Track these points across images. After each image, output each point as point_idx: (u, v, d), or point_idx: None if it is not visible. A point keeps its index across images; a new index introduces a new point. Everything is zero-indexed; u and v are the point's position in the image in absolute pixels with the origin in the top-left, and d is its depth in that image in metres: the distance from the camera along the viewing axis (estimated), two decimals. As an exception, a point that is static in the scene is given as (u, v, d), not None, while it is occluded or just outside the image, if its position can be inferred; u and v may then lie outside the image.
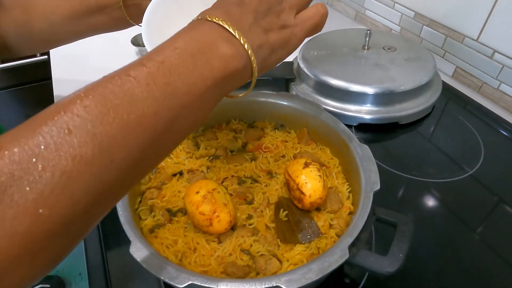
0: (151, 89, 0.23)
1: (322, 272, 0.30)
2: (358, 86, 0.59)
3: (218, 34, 0.28)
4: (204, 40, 0.27)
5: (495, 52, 0.65)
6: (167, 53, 0.25)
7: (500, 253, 0.43)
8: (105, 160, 0.21)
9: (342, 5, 1.00)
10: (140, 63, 0.24)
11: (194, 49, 0.26)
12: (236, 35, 0.28)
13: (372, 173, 0.38)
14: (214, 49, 0.27)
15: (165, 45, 0.26)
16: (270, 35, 0.31)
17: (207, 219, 0.36)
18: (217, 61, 0.27)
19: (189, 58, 0.26)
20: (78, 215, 0.20)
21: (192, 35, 0.27)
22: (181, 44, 0.26)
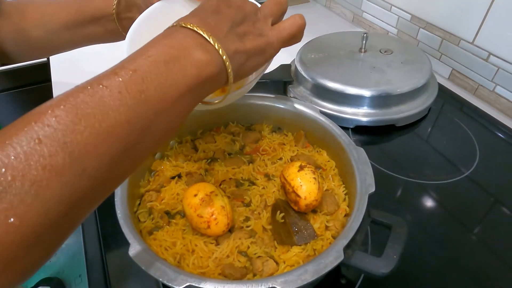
0: (123, 97, 0.23)
1: (317, 273, 0.30)
2: (355, 89, 0.60)
3: (192, 41, 0.28)
4: (178, 46, 0.27)
5: (490, 54, 0.65)
6: (140, 61, 0.26)
7: (497, 253, 0.44)
8: (77, 169, 0.21)
9: (339, 8, 1.01)
10: (113, 72, 0.25)
11: (168, 56, 0.26)
12: (211, 41, 0.28)
13: (368, 176, 0.39)
14: (188, 56, 0.27)
15: (138, 53, 0.27)
16: (246, 42, 0.31)
17: (205, 221, 0.37)
18: (191, 68, 0.27)
19: (163, 65, 0.26)
20: (51, 225, 0.20)
21: (166, 42, 0.28)
22: (154, 52, 0.26)
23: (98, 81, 0.24)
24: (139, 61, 0.26)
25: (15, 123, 0.21)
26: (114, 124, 0.23)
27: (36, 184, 0.19)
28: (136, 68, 0.25)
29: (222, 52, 0.29)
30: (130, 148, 0.24)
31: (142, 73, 0.25)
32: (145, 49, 0.27)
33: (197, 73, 0.27)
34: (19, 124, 0.21)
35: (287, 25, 0.35)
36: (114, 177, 0.24)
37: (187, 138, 0.50)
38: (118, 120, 0.23)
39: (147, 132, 0.25)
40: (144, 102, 0.24)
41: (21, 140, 0.20)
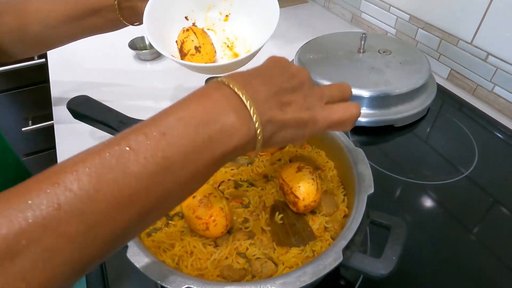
0: (148, 163, 0.23)
1: (316, 275, 0.30)
2: (353, 89, 0.58)
3: (228, 103, 0.26)
4: (212, 109, 0.26)
5: (489, 55, 0.65)
6: (171, 123, 0.24)
7: (496, 253, 0.44)
8: (89, 237, 0.21)
9: (338, 8, 1.01)
10: (142, 131, 0.24)
11: (200, 120, 0.25)
12: (248, 105, 0.26)
13: (366, 177, 0.39)
14: (220, 121, 0.26)
15: (170, 111, 0.25)
16: (287, 112, 0.29)
17: (204, 223, 0.36)
18: (220, 136, 0.25)
19: (192, 130, 0.25)
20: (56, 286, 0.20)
21: (202, 103, 0.26)
22: (187, 114, 0.25)
23: (127, 141, 0.23)
24: (170, 122, 0.24)
25: (39, 178, 0.21)
26: (133, 194, 0.22)
27: (49, 250, 0.19)
28: (165, 131, 0.24)
29: (256, 118, 0.27)
30: (144, 216, 0.24)
31: (170, 138, 0.24)
32: (177, 108, 0.26)
33: (225, 141, 0.26)
34: (43, 181, 0.21)
35: (341, 109, 0.32)
36: (122, 241, 0.24)
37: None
38: (138, 189, 0.22)
39: (165, 199, 0.24)
40: (167, 170, 0.23)
41: (42, 202, 0.20)
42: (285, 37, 0.91)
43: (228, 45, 0.59)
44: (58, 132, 0.62)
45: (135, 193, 0.22)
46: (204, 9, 0.54)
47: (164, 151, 0.23)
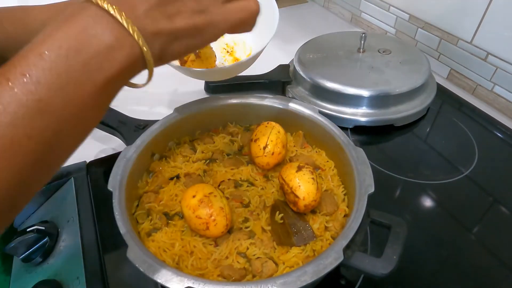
0: (18, 110, 0.21)
1: (317, 274, 0.30)
2: (353, 89, 0.60)
3: (98, 23, 0.23)
4: (80, 34, 0.23)
5: (488, 54, 0.65)
6: (35, 61, 0.22)
7: (496, 253, 0.44)
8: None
9: (338, 8, 1.01)
10: (4, 77, 0.21)
11: (68, 49, 0.22)
12: (123, 22, 0.24)
13: (367, 176, 0.39)
14: (93, 45, 0.23)
15: (33, 48, 0.22)
16: (175, 21, 0.27)
17: (204, 222, 0.36)
18: (97, 61, 0.23)
19: (62, 63, 0.22)
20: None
21: (66, 29, 0.23)
22: (51, 46, 0.22)
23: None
24: (33, 60, 0.22)
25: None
26: (12, 142, 0.21)
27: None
28: (29, 71, 0.21)
29: (137, 35, 0.24)
30: (40, 160, 0.22)
31: (37, 77, 0.21)
32: (41, 41, 0.23)
33: (105, 66, 0.24)
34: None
35: (239, 7, 0.30)
36: (26, 189, 0.23)
37: (185, 139, 0.50)
38: (15, 136, 0.21)
39: (55, 141, 0.23)
40: (45, 112, 0.22)
41: None
42: (285, 37, 0.91)
43: (228, 51, 0.60)
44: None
45: (13, 141, 0.21)
46: None
47: (33, 92, 0.21)
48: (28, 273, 0.43)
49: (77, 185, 0.49)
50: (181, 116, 0.48)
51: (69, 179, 0.50)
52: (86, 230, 0.45)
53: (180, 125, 0.48)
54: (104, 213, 0.45)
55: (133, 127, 0.51)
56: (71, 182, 0.50)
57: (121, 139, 0.51)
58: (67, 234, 0.44)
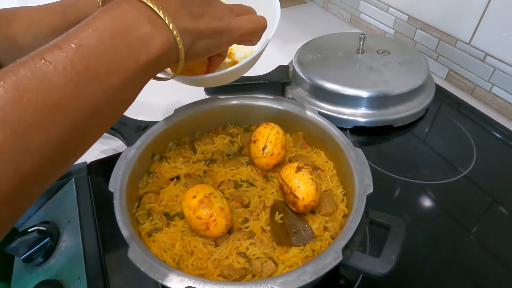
0: (68, 73, 0.23)
1: (316, 274, 0.31)
2: (352, 90, 0.60)
3: (140, 13, 0.27)
4: (125, 19, 0.26)
5: (487, 55, 0.66)
6: (85, 35, 0.24)
7: (495, 252, 0.44)
8: (21, 148, 0.21)
9: (337, 9, 1.01)
10: (56, 45, 0.23)
11: (114, 30, 0.25)
12: (161, 14, 0.27)
13: (366, 177, 0.39)
14: (136, 30, 0.26)
15: (83, 26, 0.25)
16: (200, 22, 0.31)
17: (204, 223, 0.37)
18: (139, 43, 0.26)
19: (109, 39, 0.25)
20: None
21: (112, 13, 0.26)
22: (100, 25, 0.25)
23: (41, 55, 0.23)
24: (84, 35, 0.24)
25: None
26: (60, 101, 0.22)
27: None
28: (80, 43, 0.24)
29: (172, 27, 0.28)
30: (79, 125, 0.24)
31: (88, 48, 0.24)
32: (90, 21, 0.25)
33: (146, 49, 0.26)
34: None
35: (252, 19, 0.35)
36: (64, 155, 0.24)
37: (185, 140, 0.51)
38: (64, 97, 0.22)
39: (97, 109, 0.24)
40: (92, 78, 0.24)
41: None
42: (284, 38, 0.91)
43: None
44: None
45: (61, 102, 0.22)
46: None
47: (84, 60, 0.23)
48: (29, 274, 0.43)
49: (77, 185, 0.50)
50: (181, 117, 0.49)
51: (69, 179, 0.51)
52: (87, 230, 0.45)
53: (180, 126, 0.49)
54: (105, 213, 0.46)
55: (133, 128, 0.51)
56: (71, 182, 0.50)
57: (122, 140, 0.52)
58: (68, 235, 0.45)
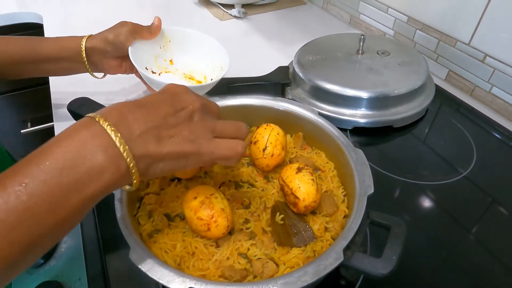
0: (7, 217, 0.22)
1: (317, 274, 0.31)
2: (352, 91, 0.60)
3: (96, 142, 0.26)
4: (76, 152, 0.26)
5: (486, 56, 0.66)
6: (33, 172, 0.24)
7: (495, 253, 0.44)
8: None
9: (336, 9, 1.01)
10: (2, 182, 0.23)
11: (63, 165, 0.25)
12: (117, 143, 0.27)
13: (366, 177, 0.39)
14: (86, 163, 0.26)
15: (33, 159, 0.25)
16: (165, 145, 0.29)
17: (205, 224, 0.37)
18: (87, 177, 0.26)
19: (56, 176, 0.25)
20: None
21: (66, 144, 0.26)
22: (50, 159, 0.25)
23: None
24: (31, 171, 0.24)
25: None
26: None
27: None
28: (27, 181, 0.24)
29: (127, 154, 0.27)
30: (11, 266, 0.24)
31: (32, 187, 0.24)
32: (42, 153, 0.25)
33: (94, 181, 0.26)
34: None
35: (227, 145, 0.33)
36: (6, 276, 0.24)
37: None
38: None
39: (32, 247, 0.24)
40: (31, 219, 0.23)
41: None
42: (284, 39, 0.91)
43: (189, 77, 0.68)
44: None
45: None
46: (152, 59, 0.65)
47: (26, 201, 0.23)
48: (30, 275, 0.43)
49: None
50: (182, 118, 0.49)
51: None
52: (88, 231, 0.45)
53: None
54: (106, 214, 0.46)
55: (134, 129, 0.51)
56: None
57: (122, 141, 0.52)
58: (69, 236, 0.45)
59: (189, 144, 0.31)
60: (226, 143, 0.33)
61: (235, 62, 0.82)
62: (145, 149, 0.28)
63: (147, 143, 0.28)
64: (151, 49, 0.64)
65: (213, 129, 0.33)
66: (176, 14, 1.04)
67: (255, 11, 1.03)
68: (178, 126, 0.31)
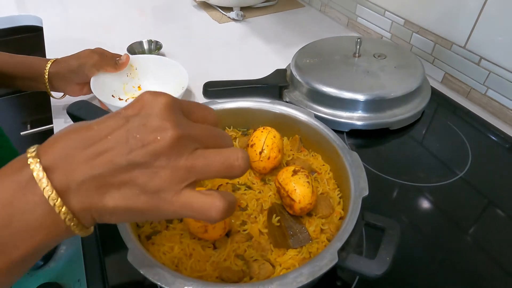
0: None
1: (312, 275, 0.31)
2: (349, 93, 0.61)
3: (26, 197, 0.22)
4: (5, 208, 0.21)
5: (481, 58, 0.67)
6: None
7: (491, 254, 0.45)
8: None
9: (334, 12, 1.02)
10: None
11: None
12: (51, 201, 0.22)
13: (361, 180, 0.40)
14: (16, 222, 0.21)
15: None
16: (111, 197, 0.23)
17: (202, 226, 0.37)
18: (17, 237, 0.22)
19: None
20: None
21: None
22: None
23: None
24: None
25: None
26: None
27: None
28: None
29: (64, 210, 0.22)
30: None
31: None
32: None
33: (23, 243, 0.22)
34: None
35: (201, 201, 0.24)
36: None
37: None
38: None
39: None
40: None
41: None
42: (282, 42, 0.92)
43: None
44: (58, 136, 0.63)
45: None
46: (120, 87, 0.70)
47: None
48: (29, 276, 0.44)
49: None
50: (180, 121, 0.49)
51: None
52: (87, 233, 0.45)
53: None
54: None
55: (132, 132, 0.51)
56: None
57: (121, 143, 0.52)
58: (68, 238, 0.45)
59: (144, 199, 0.23)
60: (199, 202, 0.24)
61: (233, 64, 0.83)
62: (86, 202, 0.23)
63: (89, 195, 0.22)
64: (118, 77, 0.69)
65: (187, 174, 0.23)
66: (174, 17, 1.05)
67: (253, 14, 1.04)
68: (133, 171, 0.22)
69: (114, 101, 0.69)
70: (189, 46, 0.89)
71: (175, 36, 0.93)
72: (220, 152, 0.25)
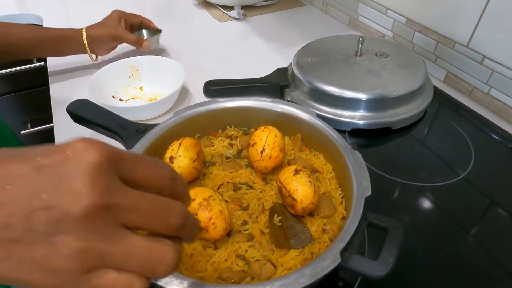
0: None
1: (314, 276, 0.31)
2: (351, 92, 0.60)
3: None
4: None
5: (484, 57, 0.66)
6: None
7: (493, 254, 0.44)
8: None
9: (336, 11, 1.02)
10: None
11: None
12: None
13: (364, 179, 0.39)
14: None
15: None
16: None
17: (203, 226, 0.37)
18: None
19: None
20: None
21: None
22: None
23: None
24: None
25: None
26: None
27: None
28: None
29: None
30: None
31: None
32: None
33: None
34: None
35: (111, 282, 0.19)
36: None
37: (185, 143, 0.51)
38: None
39: None
40: None
41: None
42: (283, 41, 0.91)
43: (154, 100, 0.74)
44: (58, 135, 0.63)
45: None
46: (122, 88, 0.73)
47: None
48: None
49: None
50: (181, 119, 0.49)
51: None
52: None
53: (179, 129, 0.49)
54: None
55: (133, 131, 0.51)
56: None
57: (121, 143, 0.52)
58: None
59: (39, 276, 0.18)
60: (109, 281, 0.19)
61: (234, 63, 0.82)
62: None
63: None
64: (120, 79, 0.72)
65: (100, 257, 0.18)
66: (175, 16, 1.05)
67: (254, 13, 1.04)
68: (28, 239, 0.17)
69: (114, 102, 0.69)
70: (190, 45, 0.89)
71: (176, 35, 0.93)
72: (150, 241, 0.20)
